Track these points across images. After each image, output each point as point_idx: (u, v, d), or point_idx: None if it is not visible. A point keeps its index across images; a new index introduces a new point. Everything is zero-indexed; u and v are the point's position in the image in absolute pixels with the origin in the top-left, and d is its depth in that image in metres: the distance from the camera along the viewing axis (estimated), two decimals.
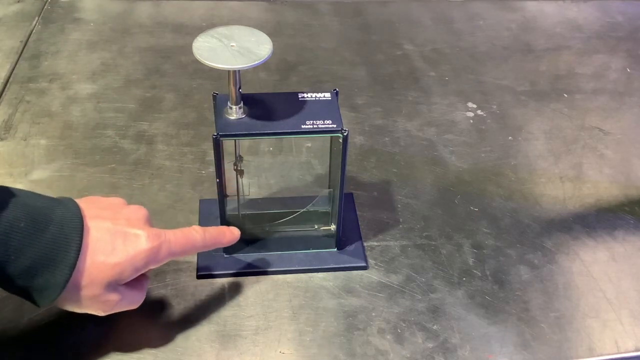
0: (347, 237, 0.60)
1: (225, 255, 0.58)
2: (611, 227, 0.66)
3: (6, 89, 0.78)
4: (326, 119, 0.52)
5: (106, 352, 0.51)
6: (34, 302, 0.44)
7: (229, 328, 0.53)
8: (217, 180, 0.53)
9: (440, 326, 0.55)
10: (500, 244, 0.63)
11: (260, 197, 0.65)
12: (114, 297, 0.47)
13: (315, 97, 0.54)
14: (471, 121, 0.79)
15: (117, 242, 0.46)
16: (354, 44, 0.93)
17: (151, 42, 0.90)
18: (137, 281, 0.49)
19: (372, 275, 0.59)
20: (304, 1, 1.01)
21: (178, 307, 0.54)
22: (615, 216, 0.67)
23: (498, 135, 0.77)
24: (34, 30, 0.90)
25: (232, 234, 0.53)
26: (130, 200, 0.53)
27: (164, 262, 0.48)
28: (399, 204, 0.67)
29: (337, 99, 0.54)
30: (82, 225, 0.44)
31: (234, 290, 0.56)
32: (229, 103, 0.51)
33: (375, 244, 0.62)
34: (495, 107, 0.82)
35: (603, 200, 0.69)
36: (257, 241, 0.60)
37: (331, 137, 0.54)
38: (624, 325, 0.57)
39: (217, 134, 0.50)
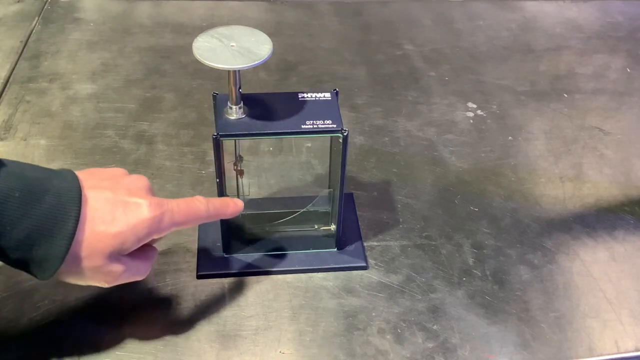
0: (347, 237, 0.60)
1: (225, 256, 0.58)
2: (611, 227, 0.66)
3: (6, 89, 0.78)
4: (326, 119, 0.52)
5: (106, 352, 0.51)
6: (34, 275, 0.44)
7: (229, 328, 0.53)
8: (217, 180, 0.53)
9: (440, 326, 0.55)
10: (500, 244, 0.63)
11: (260, 197, 0.65)
12: (117, 267, 0.45)
13: (315, 97, 0.54)
14: (471, 121, 0.79)
15: (117, 211, 0.44)
16: (354, 44, 0.92)
17: (151, 42, 0.90)
18: (142, 251, 0.48)
19: (372, 275, 0.59)
20: (304, 1, 1.01)
21: (178, 307, 0.54)
22: (615, 216, 0.67)
23: (498, 135, 0.77)
24: (34, 30, 0.90)
25: (235, 205, 0.52)
26: None
27: (168, 232, 0.47)
28: (399, 204, 0.67)
29: (337, 99, 0.54)
30: (80, 195, 0.43)
31: (234, 290, 0.56)
32: (229, 103, 0.51)
33: (375, 244, 0.62)
34: (495, 107, 0.82)
35: (603, 200, 0.69)
36: (257, 241, 0.60)
37: (331, 137, 0.54)
38: (624, 325, 0.57)
39: (217, 134, 0.50)
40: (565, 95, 0.85)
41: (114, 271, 0.45)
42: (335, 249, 0.59)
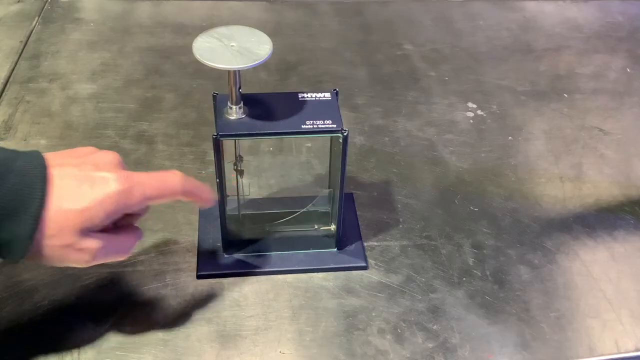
0: (347, 237, 0.60)
1: (225, 256, 0.58)
2: (611, 227, 0.66)
3: (6, 89, 0.78)
4: (326, 119, 0.52)
5: (106, 352, 0.51)
6: (4, 258, 0.42)
7: (229, 328, 0.53)
8: (217, 180, 0.53)
9: (440, 326, 0.55)
10: (500, 244, 0.63)
11: (260, 197, 0.65)
12: (91, 243, 0.44)
13: (315, 97, 0.54)
14: (471, 121, 0.79)
15: (83, 187, 0.43)
16: (354, 44, 0.92)
17: (151, 42, 0.90)
18: (122, 229, 0.47)
19: (372, 275, 0.59)
20: (304, 1, 1.01)
21: (178, 307, 0.54)
22: (615, 216, 0.67)
23: (498, 135, 0.77)
24: (34, 30, 0.90)
25: (209, 193, 0.50)
26: None
27: (140, 206, 0.46)
28: (399, 204, 0.67)
29: (337, 99, 0.54)
30: (45, 173, 0.42)
31: (234, 290, 0.56)
32: (229, 103, 0.51)
33: (375, 244, 0.62)
34: (495, 107, 0.82)
35: (603, 200, 0.69)
36: (257, 241, 0.60)
37: (331, 137, 0.54)
38: (624, 325, 0.57)
39: (217, 134, 0.50)
40: (565, 95, 0.85)
41: (88, 247, 0.44)
42: (335, 249, 0.59)
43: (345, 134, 0.51)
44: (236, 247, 0.58)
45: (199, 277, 0.57)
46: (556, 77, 0.89)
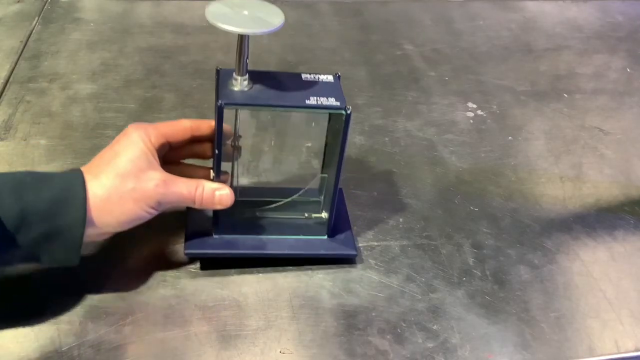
0: (337, 227, 0.60)
1: (214, 236, 0.57)
2: (611, 227, 0.66)
3: (6, 89, 0.78)
4: (330, 97, 0.52)
5: (106, 352, 0.51)
6: (63, 255, 0.48)
7: (229, 328, 0.53)
8: (217, 151, 0.53)
9: (440, 326, 0.55)
10: (500, 244, 0.63)
11: (253, 184, 0.64)
12: (152, 175, 0.50)
13: (318, 78, 0.54)
14: (471, 121, 0.79)
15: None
16: (354, 44, 0.92)
17: (151, 42, 0.90)
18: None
19: (372, 275, 0.59)
20: (304, 1, 1.01)
21: (178, 307, 0.54)
22: (615, 216, 0.67)
23: (498, 135, 0.77)
24: (34, 30, 0.90)
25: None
26: None
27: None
28: (399, 204, 0.67)
29: (340, 82, 0.54)
30: (82, 174, 0.48)
31: (234, 290, 0.56)
32: (234, 74, 0.51)
33: (375, 244, 0.62)
34: (495, 107, 0.82)
35: (603, 200, 0.69)
36: (248, 224, 0.59)
37: (330, 115, 0.55)
38: (624, 325, 0.57)
39: (221, 102, 0.49)
40: (565, 95, 0.85)
41: (151, 179, 0.50)
42: (326, 237, 0.59)
43: (348, 111, 0.51)
44: (226, 228, 0.57)
45: (187, 255, 0.56)
46: (556, 77, 0.89)
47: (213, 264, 0.58)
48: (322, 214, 0.60)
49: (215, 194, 0.54)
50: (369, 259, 0.60)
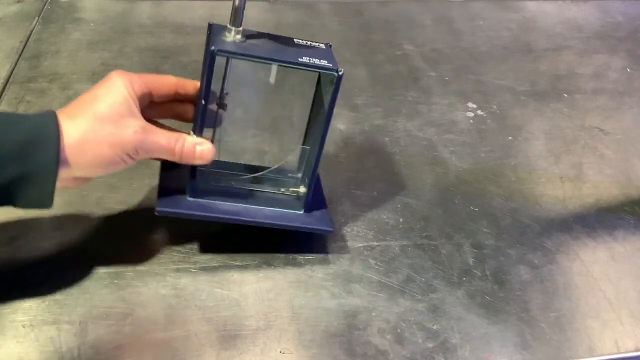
0: (313, 204, 0.59)
1: (189, 198, 0.56)
2: (611, 227, 0.66)
3: (6, 89, 0.78)
4: (322, 59, 0.52)
5: (106, 352, 0.51)
6: (35, 196, 0.46)
7: (229, 328, 0.53)
8: (203, 102, 0.52)
9: (440, 326, 0.55)
10: (500, 244, 0.63)
11: (231, 160, 0.63)
12: (131, 121, 0.49)
13: (311, 44, 0.54)
14: (471, 121, 0.79)
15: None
16: (354, 44, 0.93)
17: (151, 42, 0.90)
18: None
19: (372, 275, 0.59)
20: (304, 1, 1.01)
21: (178, 306, 0.54)
22: (615, 216, 0.67)
23: (498, 135, 0.77)
24: (34, 30, 0.90)
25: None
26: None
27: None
28: (399, 204, 0.67)
29: (331, 50, 0.54)
30: (56, 114, 0.47)
31: (234, 290, 0.56)
32: (228, 25, 0.50)
33: (375, 244, 0.62)
34: (495, 107, 0.82)
35: (603, 200, 0.69)
36: (223, 192, 0.58)
37: (320, 80, 0.54)
38: (624, 325, 0.57)
39: (214, 48, 0.49)
40: (565, 95, 0.85)
41: (130, 125, 0.48)
42: (302, 211, 0.59)
43: (340, 72, 0.51)
44: (201, 192, 0.56)
45: (158, 213, 0.54)
46: (556, 77, 0.89)
47: (213, 264, 0.58)
48: (300, 188, 0.59)
49: (196, 148, 0.52)
50: (369, 259, 0.60)
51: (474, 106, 0.82)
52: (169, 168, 0.58)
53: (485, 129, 0.78)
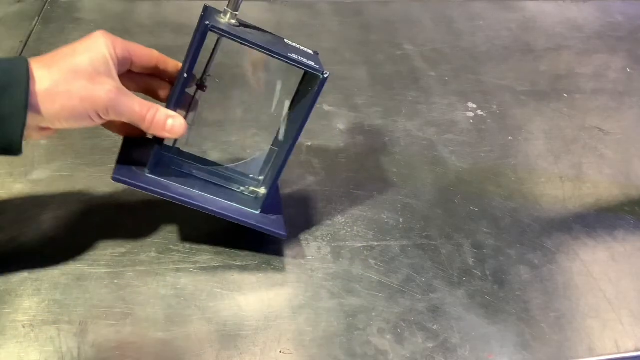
0: (270, 208, 0.59)
1: (148, 174, 0.55)
2: (611, 227, 0.66)
3: None
4: (309, 61, 0.52)
5: (106, 352, 0.51)
6: (5, 143, 0.45)
7: (229, 328, 0.53)
8: (185, 75, 0.51)
9: (440, 326, 0.55)
10: (500, 244, 0.63)
11: (198, 153, 0.63)
12: (105, 80, 0.48)
13: (300, 47, 0.54)
14: (471, 121, 0.79)
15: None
16: (354, 44, 0.93)
17: (151, 42, 0.89)
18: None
19: (372, 275, 0.59)
20: (304, 1, 1.01)
21: (178, 306, 0.54)
22: (615, 216, 0.67)
23: (498, 135, 0.77)
24: (34, 30, 0.90)
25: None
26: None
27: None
28: (399, 204, 0.67)
29: (319, 57, 0.54)
30: (27, 60, 0.46)
31: (234, 290, 0.56)
32: (225, 8, 0.50)
33: (375, 244, 0.62)
34: (495, 107, 0.82)
35: (603, 200, 0.69)
36: (184, 176, 0.58)
37: (303, 81, 0.55)
38: (624, 325, 0.57)
39: (209, 23, 0.49)
40: (565, 95, 0.85)
41: (105, 83, 0.47)
42: (259, 212, 0.58)
43: (325, 75, 0.51)
44: (161, 170, 0.55)
45: (114, 179, 0.53)
46: (556, 77, 0.89)
47: (213, 264, 0.58)
48: (261, 189, 0.59)
49: (168, 120, 0.52)
50: (369, 259, 0.60)
51: (474, 106, 0.82)
52: (131, 143, 0.57)
53: (485, 129, 0.78)
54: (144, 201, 0.63)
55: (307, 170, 0.70)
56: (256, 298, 0.56)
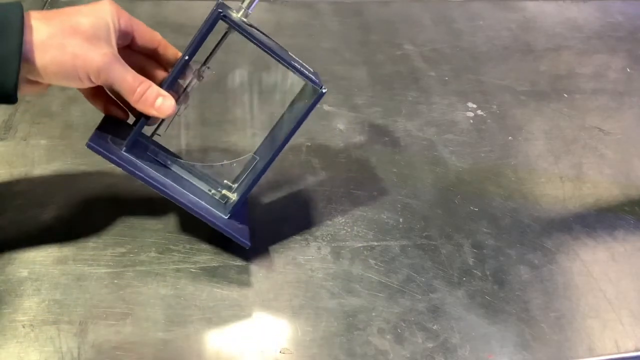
0: (237, 216, 0.58)
1: (124, 151, 0.54)
2: (611, 227, 0.66)
3: None
4: (310, 74, 0.53)
5: (106, 352, 0.51)
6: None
7: (229, 328, 0.53)
8: (186, 58, 0.51)
9: (440, 326, 0.55)
10: (500, 244, 0.63)
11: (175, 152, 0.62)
12: (102, 46, 0.47)
13: (302, 63, 0.54)
14: (471, 121, 0.79)
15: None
16: (354, 44, 0.93)
17: None
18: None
19: (372, 275, 0.59)
20: (304, 1, 1.01)
21: (178, 307, 0.54)
22: (615, 216, 0.67)
23: (498, 135, 0.77)
24: None
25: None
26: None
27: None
28: (399, 204, 0.67)
29: (319, 75, 0.55)
30: (21, 5, 0.45)
31: (234, 290, 0.56)
32: (240, 5, 0.50)
33: (375, 243, 0.62)
34: (495, 107, 0.82)
35: (603, 200, 0.69)
36: (159, 164, 0.57)
37: (302, 91, 0.56)
38: (624, 325, 0.57)
39: (222, 11, 0.49)
40: (565, 95, 0.85)
41: (102, 47, 0.47)
42: (226, 217, 0.57)
43: (323, 90, 0.52)
44: (138, 151, 0.55)
45: (87, 146, 0.52)
46: (556, 77, 0.89)
47: (213, 264, 0.58)
48: (233, 195, 0.58)
49: (158, 98, 0.51)
50: (369, 259, 0.60)
51: (474, 106, 0.82)
52: (112, 121, 0.56)
53: (485, 129, 0.78)
54: (144, 201, 0.63)
55: (307, 170, 0.70)
56: (256, 298, 0.56)
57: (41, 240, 0.58)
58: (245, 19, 0.51)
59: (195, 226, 0.61)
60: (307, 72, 0.52)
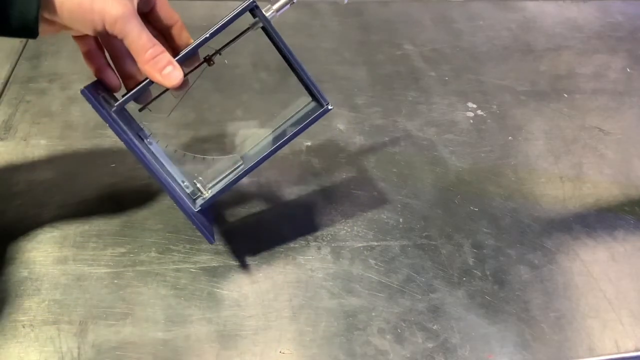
0: (205, 212, 0.58)
1: (113, 112, 0.53)
2: (611, 227, 0.66)
3: (6, 89, 0.78)
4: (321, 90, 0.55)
5: (106, 352, 0.51)
6: (20, 23, 0.44)
7: (229, 328, 0.53)
8: (208, 35, 0.51)
9: (440, 326, 0.55)
10: (500, 244, 0.63)
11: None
12: None
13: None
14: (471, 121, 0.79)
15: None
16: (354, 44, 0.93)
17: None
18: None
19: (372, 275, 0.59)
20: (304, 1, 1.01)
21: (178, 306, 0.54)
22: (615, 216, 0.67)
23: (498, 135, 0.77)
24: None
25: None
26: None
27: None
28: (399, 204, 0.67)
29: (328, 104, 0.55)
30: None
31: (234, 290, 0.56)
32: (270, 6, 0.52)
33: (375, 243, 0.62)
34: (495, 107, 0.82)
35: (603, 200, 0.69)
36: (141, 140, 0.56)
37: (310, 106, 0.57)
38: (624, 325, 0.57)
39: (255, 2, 0.50)
40: (565, 95, 0.85)
41: (123, 1, 0.45)
42: (196, 210, 0.56)
43: (329, 108, 0.53)
44: (124, 119, 0.54)
45: (82, 92, 0.50)
46: (556, 77, 0.89)
47: (213, 264, 0.58)
48: (207, 192, 0.57)
49: (168, 66, 0.49)
50: (369, 259, 0.60)
51: (474, 106, 0.82)
52: (104, 86, 0.56)
53: (485, 129, 0.78)
54: (144, 201, 0.63)
55: (307, 170, 0.70)
56: (256, 298, 0.56)
57: (41, 240, 0.58)
58: (275, 18, 0.53)
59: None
60: (319, 87, 0.54)
